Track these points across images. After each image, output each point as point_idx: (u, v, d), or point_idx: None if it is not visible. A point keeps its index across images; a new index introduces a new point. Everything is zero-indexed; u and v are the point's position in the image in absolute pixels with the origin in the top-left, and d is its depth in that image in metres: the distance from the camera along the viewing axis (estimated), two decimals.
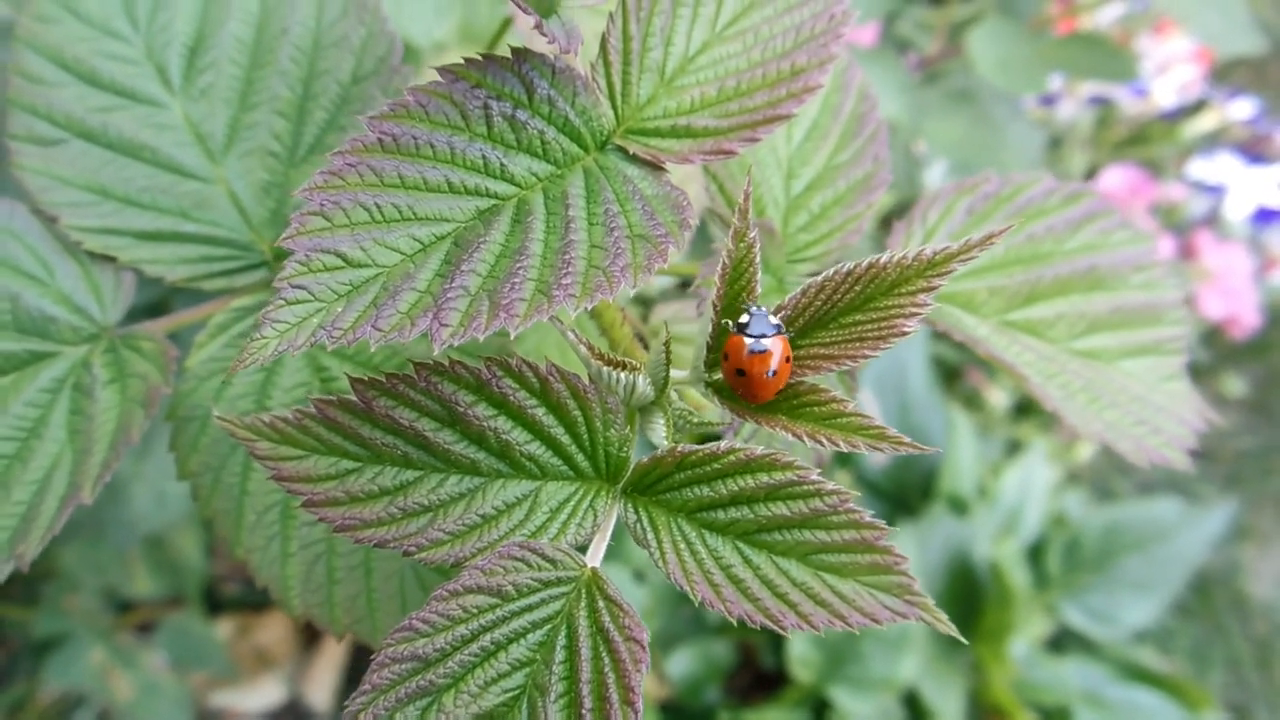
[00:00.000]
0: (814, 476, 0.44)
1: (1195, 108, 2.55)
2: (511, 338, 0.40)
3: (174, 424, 0.56)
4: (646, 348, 0.60)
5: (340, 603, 0.55)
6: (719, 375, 0.48)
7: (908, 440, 0.44)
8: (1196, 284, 2.32)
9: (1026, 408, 2.41)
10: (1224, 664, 2.37)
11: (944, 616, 0.45)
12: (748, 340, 0.46)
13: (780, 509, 0.44)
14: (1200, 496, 2.53)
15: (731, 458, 0.44)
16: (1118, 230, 0.69)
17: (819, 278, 0.46)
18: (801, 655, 1.81)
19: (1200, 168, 2.48)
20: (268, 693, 1.96)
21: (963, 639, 0.45)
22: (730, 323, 0.47)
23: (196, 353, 0.57)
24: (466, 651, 0.41)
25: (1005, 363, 0.61)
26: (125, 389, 0.53)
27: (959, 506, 2.04)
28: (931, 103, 1.73)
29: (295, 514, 0.56)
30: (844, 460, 2.11)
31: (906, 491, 2.17)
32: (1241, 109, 2.53)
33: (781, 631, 0.43)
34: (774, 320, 0.47)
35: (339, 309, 0.41)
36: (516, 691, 0.42)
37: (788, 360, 0.47)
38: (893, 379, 2.18)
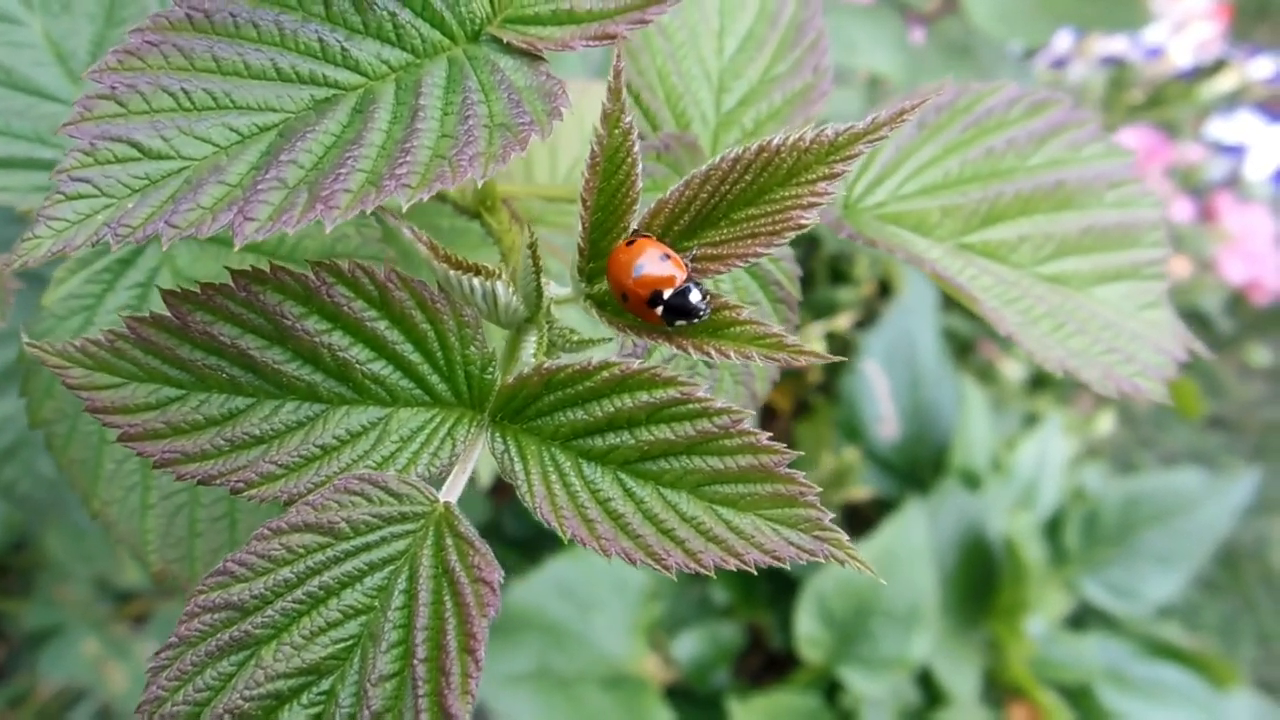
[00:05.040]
0: (700, 394, 0.38)
1: (1214, 67, 2.45)
2: (326, 231, 0.34)
3: (24, 368, 0.50)
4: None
5: (201, 557, 0.50)
6: (599, 287, 0.42)
7: (808, 348, 0.38)
8: (1217, 248, 2.24)
9: (1043, 380, 2.33)
10: (1254, 639, 2.28)
11: (859, 555, 0.39)
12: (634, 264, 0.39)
13: (664, 432, 0.38)
14: (1226, 468, 2.44)
15: (605, 374, 0.38)
16: (1090, 143, 0.62)
17: (704, 167, 0.39)
18: (809, 634, 1.75)
19: (1219, 128, 2.39)
20: None
21: (883, 581, 0.39)
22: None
23: (55, 289, 0.51)
24: (290, 598, 0.35)
25: (955, 284, 0.55)
26: None
27: (972, 481, 1.97)
28: (928, 59, 1.66)
29: None
30: (853, 436, 2.04)
31: (918, 467, 2.11)
32: (1262, 67, 2.43)
33: (665, 572, 0.37)
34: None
35: (130, 205, 0.35)
36: (349, 642, 0.36)
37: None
38: (902, 352, 2.12)
